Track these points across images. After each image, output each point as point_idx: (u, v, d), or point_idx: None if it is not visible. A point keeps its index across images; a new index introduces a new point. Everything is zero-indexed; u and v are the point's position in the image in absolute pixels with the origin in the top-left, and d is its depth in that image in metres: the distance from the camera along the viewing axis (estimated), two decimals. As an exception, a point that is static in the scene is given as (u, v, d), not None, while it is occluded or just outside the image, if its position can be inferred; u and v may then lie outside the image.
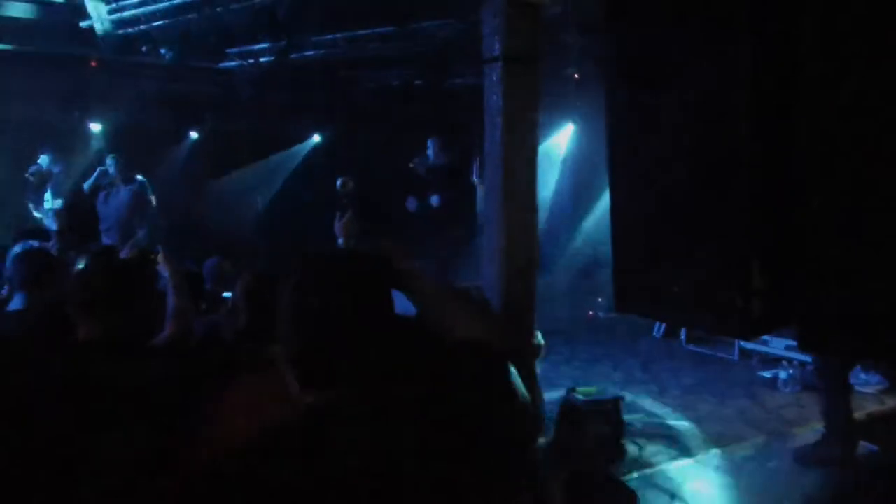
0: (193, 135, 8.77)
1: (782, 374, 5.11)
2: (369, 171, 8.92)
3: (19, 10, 6.21)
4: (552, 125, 8.45)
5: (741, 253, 2.34)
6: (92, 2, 5.70)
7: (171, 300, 2.40)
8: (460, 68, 7.11)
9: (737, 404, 4.83)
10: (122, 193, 6.92)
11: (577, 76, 7.06)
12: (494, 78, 3.24)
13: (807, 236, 2.24)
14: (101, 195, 6.95)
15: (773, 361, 5.48)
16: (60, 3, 6.16)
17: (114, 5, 5.83)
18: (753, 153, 2.25)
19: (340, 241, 2.76)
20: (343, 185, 2.75)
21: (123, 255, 2.87)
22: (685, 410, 4.65)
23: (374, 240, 1.41)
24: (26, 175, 6.71)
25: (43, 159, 6.80)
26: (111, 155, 7.07)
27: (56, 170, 6.81)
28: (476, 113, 3.53)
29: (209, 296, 3.77)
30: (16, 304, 2.68)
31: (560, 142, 8.79)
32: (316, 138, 9.61)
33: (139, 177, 7.03)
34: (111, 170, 7.06)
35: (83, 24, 6.07)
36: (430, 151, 7.23)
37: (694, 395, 5.03)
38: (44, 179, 6.73)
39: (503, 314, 3.06)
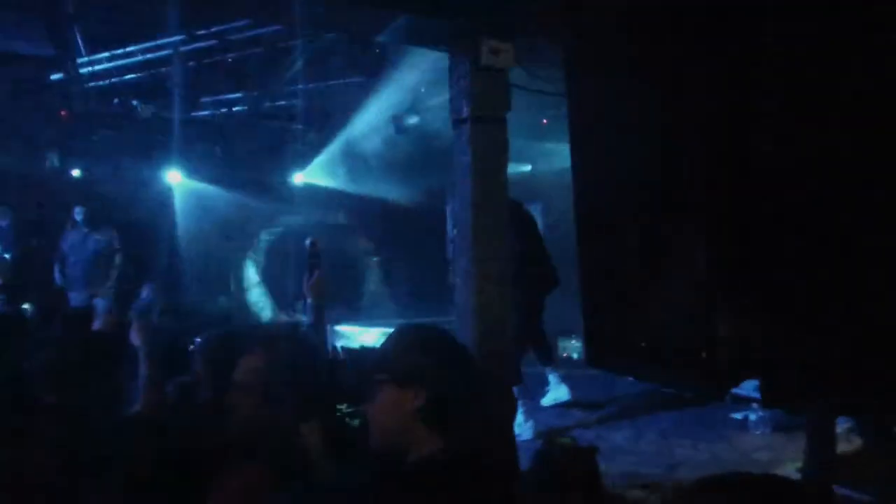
0: (171, 180, 8.74)
1: (752, 416, 5.18)
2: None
3: None
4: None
5: (704, 297, 2.33)
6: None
7: (142, 369, 2.38)
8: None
9: (711, 448, 4.87)
10: (90, 243, 6.86)
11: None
12: (463, 138, 3.34)
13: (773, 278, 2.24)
14: (68, 242, 6.89)
15: (744, 401, 5.53)
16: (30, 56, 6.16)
17: (85, 59, 5.85)
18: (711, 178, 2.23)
19: (309, 300, 2.75)
20: (311, 245, 2.76)
21: (97, 322, 2.83)
22: (661, 456, 4.68)
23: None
24: None
25: None
26: (79, 204, 7.03)
27: (4, 223, 6.75)
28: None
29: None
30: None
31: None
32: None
33: (105, 228, 6.99)
34: (78, 217, 7.01)
35: (53, 76, 6.08)
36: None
37: (669, 440, 5.06)
38: None
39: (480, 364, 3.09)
